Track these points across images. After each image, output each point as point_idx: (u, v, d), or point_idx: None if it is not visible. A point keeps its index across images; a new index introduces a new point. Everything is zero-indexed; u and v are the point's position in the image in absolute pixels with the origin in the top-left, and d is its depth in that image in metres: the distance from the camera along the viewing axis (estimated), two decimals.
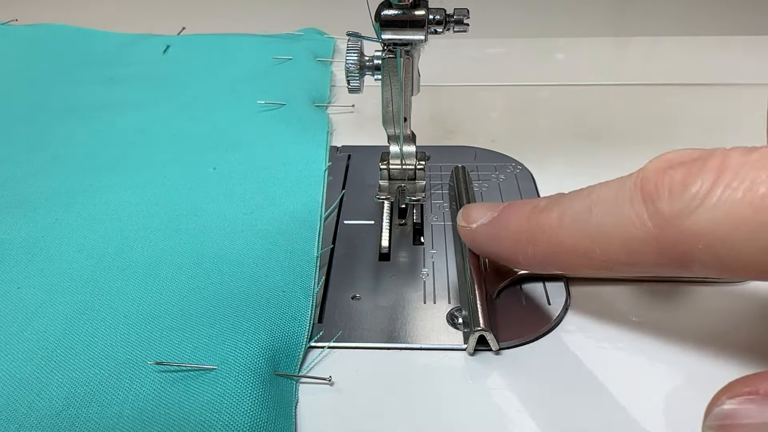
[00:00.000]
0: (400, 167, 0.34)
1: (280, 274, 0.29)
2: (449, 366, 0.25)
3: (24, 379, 0.24)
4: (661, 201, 0.20)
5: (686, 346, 0.26)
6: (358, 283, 0.30)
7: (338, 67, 0.52)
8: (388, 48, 0.30)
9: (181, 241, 0.31)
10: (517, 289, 0.29)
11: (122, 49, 0.56)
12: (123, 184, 0.36)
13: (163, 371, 0.24)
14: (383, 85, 0.31)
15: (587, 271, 0.24)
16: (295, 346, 0.26)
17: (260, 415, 0.22)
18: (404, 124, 0.33)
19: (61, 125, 0.43)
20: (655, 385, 0.24)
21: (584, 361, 0.25)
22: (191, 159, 0.38)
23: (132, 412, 0.23)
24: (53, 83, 0.50)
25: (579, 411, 0.23)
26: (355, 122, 0.45)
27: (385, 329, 0.27)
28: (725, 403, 0.19)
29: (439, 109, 0.46)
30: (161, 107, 0.45)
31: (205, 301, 0.27)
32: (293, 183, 0.36)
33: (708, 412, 0.19)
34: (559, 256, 0.23)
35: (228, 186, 0.35)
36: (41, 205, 0.34)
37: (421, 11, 0.28)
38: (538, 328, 0.27)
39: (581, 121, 0.41)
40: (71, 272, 0.29)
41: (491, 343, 0.25)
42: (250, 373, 0.24)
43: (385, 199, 0.33)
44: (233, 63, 0.52)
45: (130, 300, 0.27)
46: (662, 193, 0.20)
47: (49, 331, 0.26)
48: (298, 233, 0.32)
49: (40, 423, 0.22)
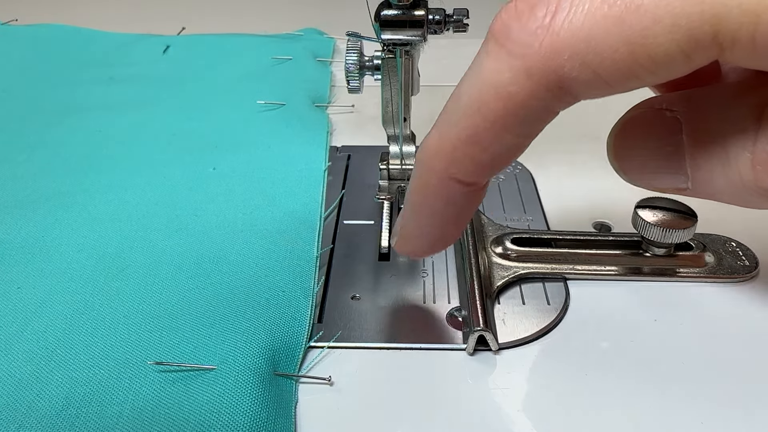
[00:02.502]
0: (400, 167, 0.34)
1: (280, 274, 0.29)
2: (449, 366, 0.25)
3: (24, 379, 0.24)
4: (513, 31, 0.19)
5: (686, 345, 0.26)
6: (358, 283, 0.30)
7: (338, 67, 0.52)
8: (388, 48, 0.30)
9: (181, 241, 0.31)
10: (517, 289, 0.29)
11: (122, 49, 0.56)
12: (123, 184, 0.36)
13: (162, 371, 0.24)
14: (383, 85, 0.31)
15: (498, 144, 0.21)
16: (295, 346, 0.26)
17: (260, 415, 0.22)
18: (404, 124, 0.33)
19: (61, 125, 0.43)
20: (655, 385, 0.24)
21: (584, 361, 0.25)
22: (191, 159, 0.38)
23: (132, 412, 0.23)
24: (53, 83, 0.50)
25: (579, 411, 0.23)
26: (355, 122, 0.45)
27: (385, 329, 0.27)
28: (626, 114, 0.21)
29: (439, 109, 0.46)
30: (161, 107, 0.45)
31: (205, 301, 0.27)
32: (293, 183, 0.36)
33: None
34: (459, 152, 0.22)
35: (228, 186, 0.35)
36: (41, 205, 0.34)
37: (421, 11, 0.28)
38: (537, 328, 0.27)
39: (581, 121, 0.41)
40: (71, 272, 0.29)
41: (491, 343, 0.25)
42: (250, 373, 0.24)
43: (385, 199, 0.33)
44: (233, 63, 0.52)
45: (130, 300, 0.27)
46: (512, 24, 0.19)
47: (49, 331, 0.26)
48: (298, 233, 0.32)
49: (40, 423, 0.22)
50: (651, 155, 0.21)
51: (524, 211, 0.34)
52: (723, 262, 0.30)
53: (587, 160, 0.38)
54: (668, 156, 0.20)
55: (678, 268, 0.29)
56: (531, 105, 0.19)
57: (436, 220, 0.24)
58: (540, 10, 0.18)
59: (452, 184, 0.22)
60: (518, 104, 0.19)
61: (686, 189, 0.21)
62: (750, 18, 0.15)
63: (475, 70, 0.20)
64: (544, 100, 0.19)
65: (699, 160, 0.20)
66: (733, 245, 0.31)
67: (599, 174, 0.37)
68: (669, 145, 0.20)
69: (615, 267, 0.30)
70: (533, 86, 0.19)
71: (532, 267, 0.30)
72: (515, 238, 0.31)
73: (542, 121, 0.20)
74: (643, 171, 0.22)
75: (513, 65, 0.19)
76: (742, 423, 0.23)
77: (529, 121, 0.20)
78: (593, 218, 0.34)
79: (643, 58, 0.17)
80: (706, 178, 0.20)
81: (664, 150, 0.20)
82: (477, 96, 0.20)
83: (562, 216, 0.34)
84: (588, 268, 0.30)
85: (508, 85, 0.19)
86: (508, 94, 0.19)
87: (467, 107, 0.20)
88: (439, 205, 0.23)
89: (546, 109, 0.20)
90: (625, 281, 0.29)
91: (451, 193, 0.23)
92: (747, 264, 0.30)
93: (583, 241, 0.31)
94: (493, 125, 0.20)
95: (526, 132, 0.20)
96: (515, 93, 0.19)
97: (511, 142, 0.21)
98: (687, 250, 0.30)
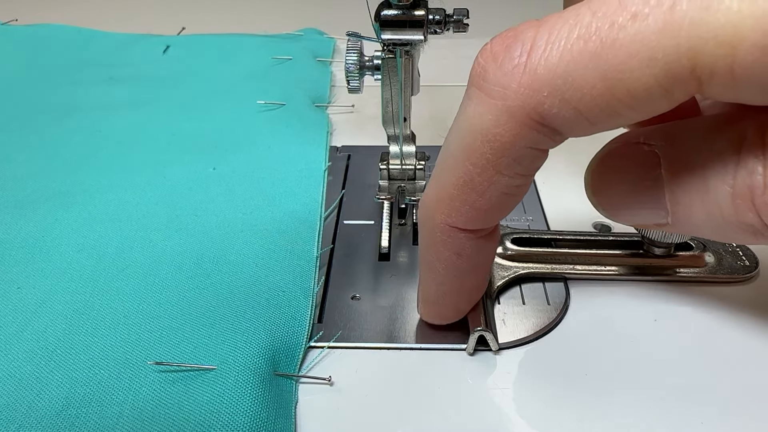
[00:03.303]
0: (400, 167, 0.34)
1: (280, 274, 0.29)
2: (449, 366, 0.25)
3: (24, 379, 0.24)
4: (490, 73, 0.19)
5: (686, 345, 0.26)
6: (358, 283, 0.30)
7: (338, 67, 0.52)
8: (388, 48, 0.30)
9: (181, 241, 0.31)
10: (517, 289, 0.29)
11: (122, 49, 0.56)
12: (123, 184, 0.36)
13: (162, 371, 0.24)
14: (383, 85, 0.31)
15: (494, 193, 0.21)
16: (295, 346, 0.26)
17: (260, 415, 0.22)
18: (404, 124, 0.33)
19: (61, 125, 0.43)
20: (655, 385, 0.24)
21: (583, 361, 0.25)
22: (191, 159, 0.38)
23: (132, 412, 0.23)
24: (53, 83, 0.50)
25: (579, 411, 0.23)
26: (355, 122, 0.45)
27: (385, 329, 0.27)
28: (603, 148, 0.21)
29: (439, 109, 0.46)
30: (161, 107, 0.45)
31: (205, 301, 0.27)
32: (293, 183, 0.36)
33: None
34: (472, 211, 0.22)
35: (228, 186, 0.35)
36: (41, 205, 0.34)
37: (421, 11, 0.28)
38: (537, 328, 0.27)
39: None
40: (71, 272, 0.29)
41: (491, 343, 0.25)
42: (250, 373, 0.24)
43: (385, 199, 0.33)
44: (233, 63, 0.52)
45: (130, 300, 0.27)
46: (488, 66, 0.19)
47: (48, 331, 0.26)
48: (298, 233, 0.32)
49: (39, 423, 0.22)
50: (629, 190, 0.21)
51: (524, 211, 0.34)
52: (723, 262, 0.30)
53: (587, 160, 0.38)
54: (647, 191, 0.20)
55: (678, 268, 0.29)
56: (517, 144, 0.19)
57: (452, 275, 0.24)
58: (515, 49, 0.18)
59: (458, 234, 0.22)
60: (505, 145, 0.19)
61: (666, 224, 0.20)
62: (726, 50, 0.15)
63: (460, 118, 0.20)
64: (530, 139, 0.19)
65: (678, 195, 0.19)
66: (733, 245, 0.31)
67: None
68: (647, 180, 0.20)
69: (615, 267, 0.30)
70: (516, 126, 0.19)
71: (532, 267, 0.30)
72: (515, 238, 0.31)
73: (534, 159, 0.20)
74: (622, 207, 0.21)
75: (494, 107, 0.19)
76: (742, 423, 0.23)
77: (519, 161, 0.20)
78: (593, 218, 0.34)
79: (621, 93, 0.17)
80: (686, 213, 0.19)
81: (642, 185, 0.20)
82: (464, 142, 0.20)
83: (562, 216, 0.34)
84: (588, 268, 0.30)
85: (491, 127, 0.19)
86: (493, 136, 0.19)
87: (457, 155, 0.20)
88: (450, 258, 0.23)
89: (534, 148, 0.19)
90: (625, 281, 0.29)
91: (459, 244, 0.23)
92: (747, 264, 0.30)
93: (583, 241, 0.31)
94: (484, 170, 0.20)
95: (519, 172, 0.20)
96: (500, 134, 0.19)
97: (508, 184, 0.20)
98: (687, 250, 0.30)
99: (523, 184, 0.21)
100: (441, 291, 0.25)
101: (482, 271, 0.25)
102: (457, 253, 0.23)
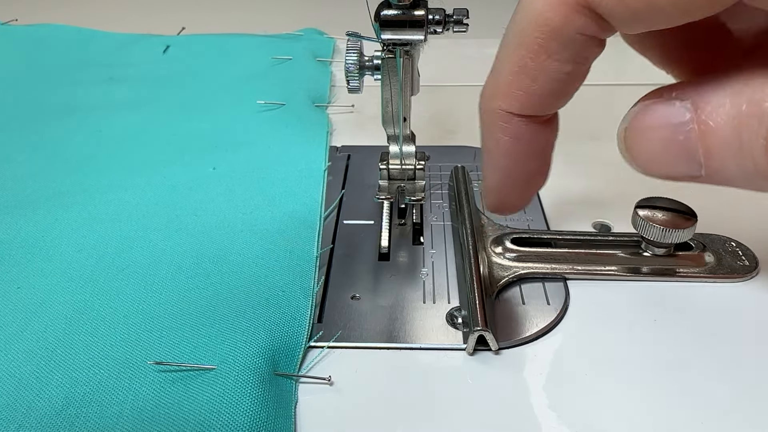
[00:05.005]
0: (400, 167, 0.34)
1: (280, 274, 0.29)
2: (449, 366, 0.25)
3: (23, 378, 0.24)
4: None
5: (686, 345, 0.26)
6: (358, 282, 0.30)
7: (338, 67, 0.52)
8: (388, 48, 0.30)
9: (181, 241, 0.31)
10: (517, 289, 0.29)
11: (122, 49, 0.56)
12: (123, 184, 0.36)
13: (162, 371, 0.24)
14: (383, 85, 0.31)
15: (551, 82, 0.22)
16: (295, 345, 0.26)
17: (260, 415, 0.22)
18: (404, 124, 0.33)
19: (61, 125, 0.43)
20: (655, 385, 0.24)
21: (583, 360, 0.25)
22: (191, 159, 0.38)
23: (132, 412, 0.23)
24: (53, 83, 0.50)
25: (579, 411, 0.23)
26: (355, 122, 0.45)
27: (385, 329, 0.27)
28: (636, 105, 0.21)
29: (439, 109, 0.46)
30: (161, 107, 0.45)
31: (205, 301, 0.27)
32: (293, 183, 0.36)
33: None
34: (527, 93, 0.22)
35: (228, 186, 0.35)
36: (41, 205, 0.34)
37: (421, 11, 0.28)
38: (537, 328, 0.27)
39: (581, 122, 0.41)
40: (71, 272, 0.29)
41: (491, 343, 0.25)
42: (250, 372, 0.24)
43: (385, 199, 0.33)
44: (233, 63, 0.52)
45: (130, 300, 0.27)
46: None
47: (48, 331, 0.26)
48: (298, 233, 0.32)
49: (39, 423, 0.22)
50: (663, 145, 0.21)
51: (524, 211, 0.34)
52: (723, 262, 0.30)
53: (587, 160, 0.38)
54: (680, 145, 0.20)
55: (678, 268, 0.29)
56: (567, 28, 0.20)
57: (512, 160, 0.24)
58: None
59: (515, 120, 0.23)
60: (555, 29, 0.20)
61: (700, 176, 0.21)
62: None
63: (517, 8, 0.21)
64: (579, 23, 0.20)
65: (711, 148, 0.20)
66: (733, 245, 0.31)
67: (599, 174, 0.37)
68: (680, 134, 0.20)
69: (615, 267, 0.30)
70: (566, 10, 0.19)
71: (532, 267, 0.30)
72: (515, 238, 0.31)
73: (584, 45, 0.20)
74: (656, 161, 0.22)
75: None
76: (742, 423, 0.23)
77: (569, 46, 0.20)
78: (593, 218, 0.34)
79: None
80: (720, 166, 0.20)
81: (675, 139, 0.20)
82: (518, 28, 0.21)
83: (562, 216, 0.34)
84: (588, 268, 0.30)
85: (543, 11, 0.20)
86: (545, 20, 0.20)
87: (512, 42, 0.21)
88: (509, 142, 0.24)
89: (584, 35, 0.20)
90: (625, 281, 0.29)
91: (516, 128, 0.23)
92: (747, 264, 0.30)
93: (583, 241, 0.31)
94: (537, 54, 0.21)
95: (570, 57, 0.21)
96: (550, 18, 0.20)
97: (559, 69, 0.21)
98: (687, 250, 0.30)
99: (575, 72, 0.21)
100: (502, 177, 0.25)
101: (542, 156, 0.25)
102: (514, 137, 0.23)
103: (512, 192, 0.26)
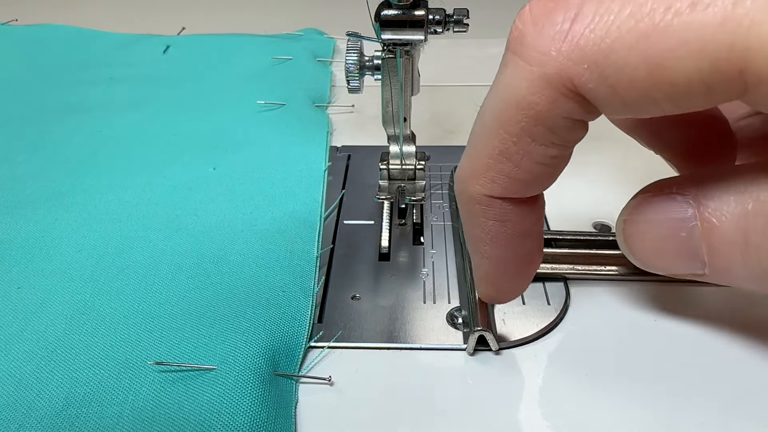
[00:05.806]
0: (400, 167, 0.34)
1: (280, 274, 0.29)
2: (449, 366, 0.25)
3: (24, 378, 0.24)
4: (528, 38, 0.18)
5: (686, 346, 0.26)
6: (358, 283, 0.30)
7: (338, 67, 0.52)
8: (388, 48, 0.30)
9: (181, 241, 0.31)
10: None
11: (122, 49, 0.56)
12: (123, 184, 0.36)
13: (162, 371, 0.24)
14: (383, 85, 0.31)
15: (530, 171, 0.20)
16: (295, 346, 0.26)
17: (260, 415, 0.22)
18: (404, 124, 0.33)
19: (60, 125, 0.43)
20: (655, 386, 0.24)
21: (584, 361, 0.25)
22: (191, 159, 0.38)
23: (132, 412, 0.23)
24: (53, 83, 0.50)
25: (578, 411, 0.23)
26: (355, 122, 0.45)
27: (385, 329, 0.27)
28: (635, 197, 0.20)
29: (439, 109, 0.46)
30: (161, 107, 0.45)
31: (205, 301, 0.27)
32: (293, 183, 0.36)
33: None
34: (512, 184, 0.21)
35: (228, 186, 0.35)
36: (41, 205, 0.34)
37: (421, 11, 0.28)
38: (537, 328, 0.27)
39: None
40: (71, 272, 0.29)
41: (491, 343, 0.25)
42: (250, 373, 0.24)
43: (385, 199, 0.33)
44: (233, 63, 0.52)
45: (130, 300, 0.27)
46: (527, 30, 0.18)
47: (49, 331, 0.26)
48: (298, 233, 0.32)
49: (39, 423, 0.22)
50: (663, 241, 0.20)
51: None
52: None
53: (587, 161, 0.38)
54: (682, 241, 0.19)
55: None
56: (553, 113, 0.18)
57: (501, 244, 0.22)
58: (558, 15, 0.17)
59: (497, 203, 0.21)
60: (540, 113, 0.18)
61: (703, 275, 0.20)
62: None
63: (495, 85, 0.19)
64: (566, 108, 0.18)
65: (715, 246, 0.19)
66: None
67: (599, 174, 0.37)
68: (682, 231, 0.19)
69: (615, 267, 0.30)
70: (553, 94, 0.18)
71: None
72: None
73: (570, 129, 0.19)
74: (656, 256, 0.21)
75: (530, 73, 0.18)
76: (742, 423, 0.23)
77: (555, 131, 0.19)
78: (593, 218, 0.34)
79: (662, 80, 0.16)
80: (725, 266, 0.19)
81: (677, 235, 0.19)
82: (499, 110, 0.19)
83: (562, 216, 0.34)
84: (588, 268, 0.30)
85: (527, 94, 0.18)
86: (528, 104, 0.18)
87: (492, 124, 0.20)
88: (495, 226, 0.22)
89: (571, 118, 0.19)
90: (625, 281, 0.29)
91: (500, 212, 0.21)
92: None
93: (583, 241, 0.31)
94: (520, 138, 0.19)
95: (555, 141, 0.19)
96: (536, 102, 0.18)
97: (544, 154, 0.19)
98: None
99: (561, 155, 0.20)
100: (493, 265, 0.23)
101: (532, 236, 0.23)
102: (499, 220, 0.22)
103: (506, 279, 0.24)
